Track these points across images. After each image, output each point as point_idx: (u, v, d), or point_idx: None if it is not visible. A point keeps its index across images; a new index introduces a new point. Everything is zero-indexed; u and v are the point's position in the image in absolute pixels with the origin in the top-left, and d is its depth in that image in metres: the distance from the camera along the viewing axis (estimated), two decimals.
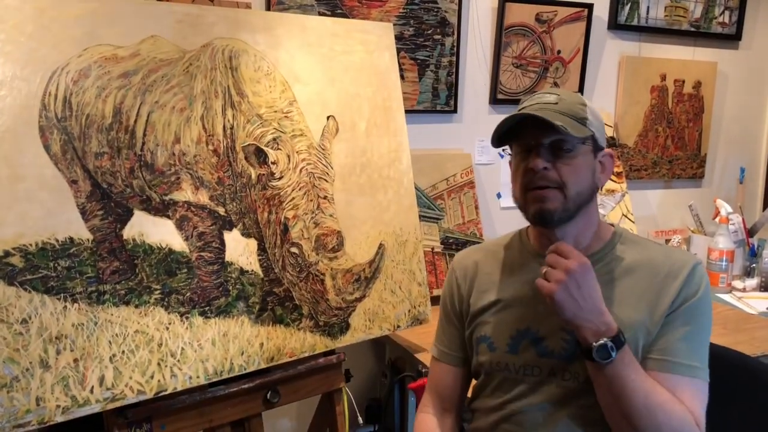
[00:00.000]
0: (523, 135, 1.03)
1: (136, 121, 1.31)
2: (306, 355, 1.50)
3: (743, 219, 2.45)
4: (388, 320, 1.63)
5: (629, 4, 2.45)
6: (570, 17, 2.32)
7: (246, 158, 1.43)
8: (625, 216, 2.36)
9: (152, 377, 1.27)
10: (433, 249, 2.13)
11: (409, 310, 1.68)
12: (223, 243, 1.42)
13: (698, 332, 1.02)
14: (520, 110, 1.04)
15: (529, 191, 1.03)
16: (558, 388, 1.04)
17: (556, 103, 1.02)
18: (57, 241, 1.21)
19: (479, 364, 1.14)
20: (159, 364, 1.29)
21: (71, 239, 1.23)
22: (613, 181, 2.37)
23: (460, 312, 1.20)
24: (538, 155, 1.01)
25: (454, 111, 2.25)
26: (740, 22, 2.70)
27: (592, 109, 1.06)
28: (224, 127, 1.41)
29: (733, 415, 1.22)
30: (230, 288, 1.41)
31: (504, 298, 1.12)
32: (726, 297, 2.18)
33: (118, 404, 1.24)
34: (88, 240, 1.25)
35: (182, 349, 1.32)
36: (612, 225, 1.14)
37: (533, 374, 1.07)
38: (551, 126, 0.98)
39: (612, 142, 2.42)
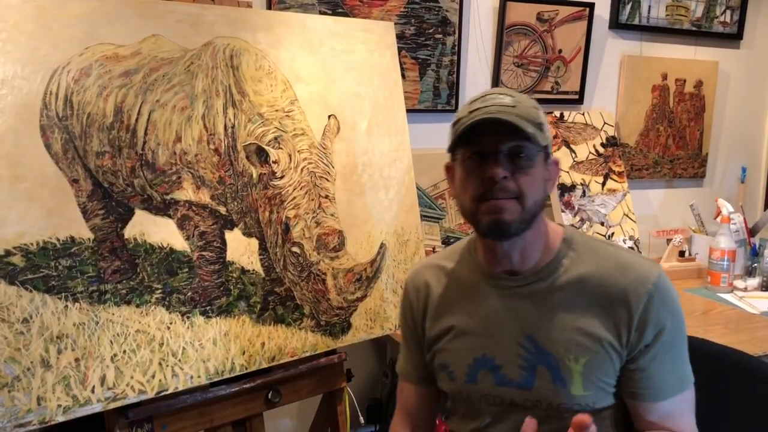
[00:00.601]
0: (479, 140, 0.93)
1: (137, 120, 1.31)
2: (307, 354, 1.50)
3: (745, 218, 2.45)
4: (390, 320, 1.63)
5: (630, 4, 2.45)
6: (571, 16, 2.32)
7: (247, 157, 1.43)
8: (627, 216, 2.36)
9: (153, 377, 1.27)
10: (434, 248, 2.12)
11: None
12: (224, 242, 1.42)
13: (680, 350, 0.99)
14: (472, 111, 0.94)
15: (483, 202, 0.94)
16: (523, 416, 0.98)
17: (514, 106, 0.93)
18: (58, 240, 1.21)
19: (443, 390, 1.11)
20: (160, 363, 1.28)
21: (72, 238, 1.23)
22: (614, 180, 2.37)
23: (417, 334, 1.14)
24: (497, 163, 0.92)
25: (456, 110, 2.25)
26: (741, 22, 2.69)
27: (543, 112, 0.99)
28: (225, 126, 1.41)
29: (734, 415, 1.22)
30: (231, 287, 1.41)
31: (458, 325, 1.06)
32: (727, 296, 2.18)
33: (119, 404, 1.23)
34: (89, 239, 1.25)
35: (183, 348, 1.32)
36: (562, 226, 1.06)
37: (495, 403, 1.02)
38: (516, 131, 0.91)
39: (613, 142, 2.42)
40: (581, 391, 0.96)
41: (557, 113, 2.33)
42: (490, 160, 0.92)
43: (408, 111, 1.82)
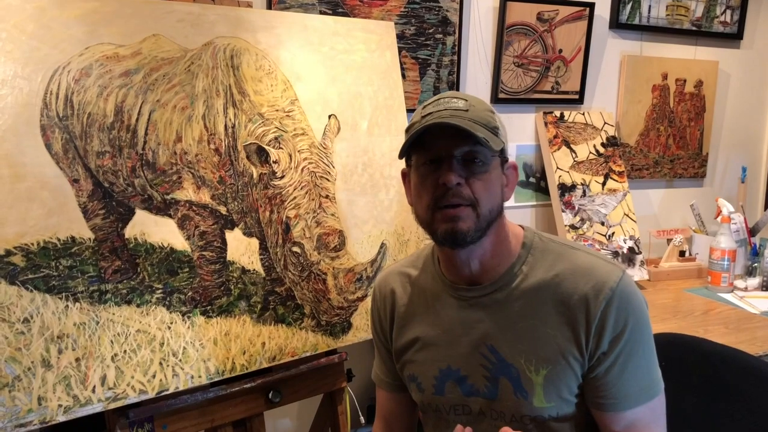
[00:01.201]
0: (432, 145, 0.92)
1: (137, 120, 1.31)
2: (308, 354, 1.50)
3: (745, 218, 2.45)
4: None
5: (631, 3, 2.45)
6: (571, 16, 2.32)
7: (248, 157, 1.43)
8: (627, 215, 2.36)
9: (154, 377, 1.27)
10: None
11: None
12: (224, 242, 1.42)
13: (644, 357, 0.95)
14: (425, 116, 0.93)
15: (438, 209, 0.92)
16: (491, 427, 0.99)
17: (467, 110, 0.91)
18: (58, 240, 1.21)
19: (414, 400, 1.10)
20: (161, 363, 1.28)
21: (73, 238, 1.23)
22: (614, 180, 2.37)
23: (387, 342, 1.13)
24: (450, 169, 0.90)
25: None
26: (742, 21, 2.69)
27: (498, 115, 0.97)
28: (226, 125, 1.41)
29: (734, 415, 1.22)
30: (232, 287, 1.41)
31: (423, 336, 1.05)
32: (728, 296, 2.18)
33: (119, 404, 1.23)
34: (89, 239, 1.25)
35: (184, 348, 1.32)
36: (523, 228, 1.04)
37: (464, 413, 1.02)
38: (469, 136, 0.88)
39: (614, 142, 2.42)
40: (543, 402, 0.95)
41: (557, 113, 2.33)
42: (444, 165, 0.91)
43: (408, 111, 1.82)
